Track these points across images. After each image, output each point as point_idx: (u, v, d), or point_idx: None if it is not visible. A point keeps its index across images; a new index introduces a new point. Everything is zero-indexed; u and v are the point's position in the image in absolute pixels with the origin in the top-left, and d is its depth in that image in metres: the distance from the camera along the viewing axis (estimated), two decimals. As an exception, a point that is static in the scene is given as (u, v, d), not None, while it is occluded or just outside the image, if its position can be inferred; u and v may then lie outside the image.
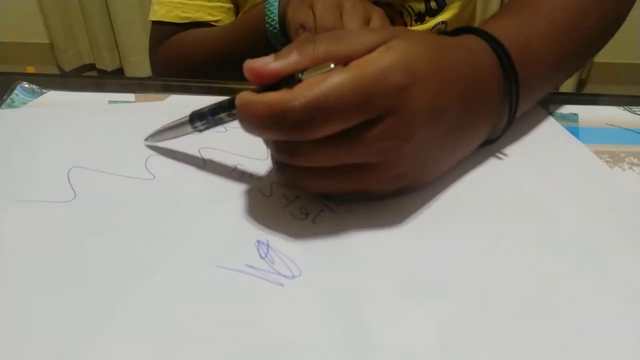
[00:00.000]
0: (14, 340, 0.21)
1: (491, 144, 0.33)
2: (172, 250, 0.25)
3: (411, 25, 0.60)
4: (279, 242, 0.26)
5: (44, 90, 0.42)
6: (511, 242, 0.26)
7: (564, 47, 0.34)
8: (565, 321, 0.22)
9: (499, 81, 0.30)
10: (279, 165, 0.27)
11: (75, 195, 0.29)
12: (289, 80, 0.23)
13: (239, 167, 0.32)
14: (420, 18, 0.60)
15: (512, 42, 0.30)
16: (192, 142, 0.34)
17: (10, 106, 0.39)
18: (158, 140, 0.34)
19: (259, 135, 0.25)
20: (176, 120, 0.31)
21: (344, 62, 0.24)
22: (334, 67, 0.23)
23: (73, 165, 0.31)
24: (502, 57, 0.30)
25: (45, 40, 2.02)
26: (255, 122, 0.24)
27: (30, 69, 1.91)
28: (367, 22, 0.43)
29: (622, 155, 0.35)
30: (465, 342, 0.21)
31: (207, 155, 0.33)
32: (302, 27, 0.43)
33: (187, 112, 0.32)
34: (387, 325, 0.22)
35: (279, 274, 0.24)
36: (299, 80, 0.23)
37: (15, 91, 0.41)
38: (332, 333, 0.21)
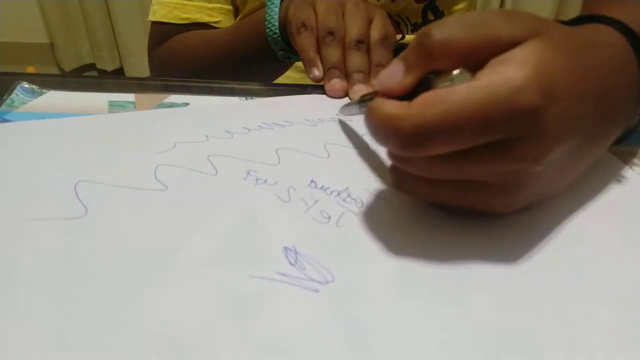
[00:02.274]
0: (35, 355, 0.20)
1: (621, 143, 0.30)
2: (199, 263, 0.24)
3: (407, 33, 0.61)
4: (307, 248, 0.25)
5: (44, 90, 0.42)
6: (516, 241, 0.26)
7: None
8: (569, 326, 0.22)
9: (635, 79, 0.28)
10: (394, 169, 0.26)
11: (86, 211, 0.28)
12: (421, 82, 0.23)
13: (251, 173, 0.31)
14: (417, 29, 0.60)
15: None
16: (199, 150, 0.33)
17: (10, 106, 0.39)
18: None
19: (375, 142, 0.24)
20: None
21: (477, 58, 0.22)
22: (458, 73, 0.22)
23: (78, 180, 0.30)
24: None
25: (45, 40, 2.02)
26: (370, 129, 0.23)
27: (30, 69, 1.91)
28: (369, 22, 0.43)
29: (622, 155, 0.34)
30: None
31: (217, 162, 0.32)
32: (304, 25, 0.43)
33: (187, 121, 0.30)
34: (422, 320, 0.22)
35: (312, 280, 0.23)
36: (429, 81, 0.22)
37: (15, 91, 0.41)
38: (375, 337, 0.21)
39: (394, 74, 0.23)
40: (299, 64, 0.47)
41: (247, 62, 0.53)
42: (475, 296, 0.23)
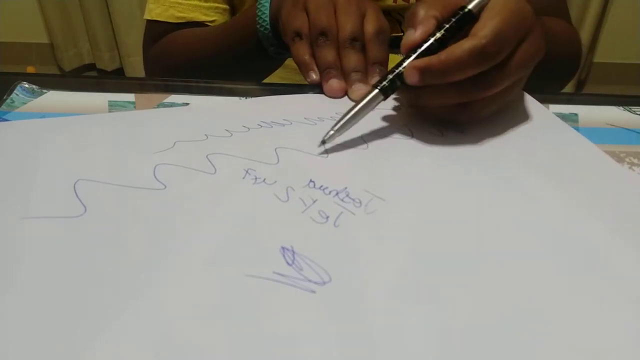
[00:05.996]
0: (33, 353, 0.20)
1: None
2: (197, 261, 0.24)
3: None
4: (304, 248, 0.25)
5: (44, 90, 0.42)
6: (512, 243, 0.26)
7: None
8: (566, 324, 0.22)
9: None
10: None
11: (85, 210, 0.27)
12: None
13: (250, 172, 0.31)
14: None
15: None
16: (198, 149, 0.33)
17: (10, 106, 0.39)
18: (341, 132, 0.34)
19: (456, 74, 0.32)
20: (362, 101, 0.34)
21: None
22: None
23: (78, 178, 0.30)
24: None
25: (45, 40, 2.02)
26: (458, 65, 0.31)
27: (30, 69, 1.91)
28: (362, 17, 0.42)
29: (622, 155, 0.35)
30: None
31: (215, 161, 0.32)
32: (298, 35, 0.43)
33: (187, 120, 0.30)
34: (417, 323, 0.22)
35: (309, 280, 0.23)
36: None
37: (15, 91, 0.41)
38: (372, 338, 0.21)
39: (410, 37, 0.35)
40: (290, 62, 0.47)
41: (239, 58, 0.53)
42: (475, 297, 0.23)
